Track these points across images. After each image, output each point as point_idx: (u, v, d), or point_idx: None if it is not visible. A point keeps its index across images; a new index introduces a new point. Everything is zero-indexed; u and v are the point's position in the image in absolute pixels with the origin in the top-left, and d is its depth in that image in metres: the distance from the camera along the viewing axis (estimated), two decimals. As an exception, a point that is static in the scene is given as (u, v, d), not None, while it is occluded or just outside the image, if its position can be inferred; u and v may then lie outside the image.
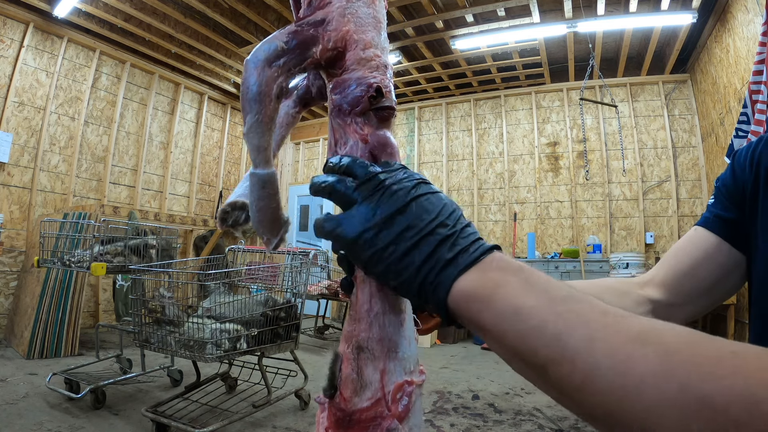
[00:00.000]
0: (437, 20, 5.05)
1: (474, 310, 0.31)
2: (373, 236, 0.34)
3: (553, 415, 2.81)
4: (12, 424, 2.25)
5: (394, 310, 0.42)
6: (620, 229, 5.83)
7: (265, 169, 0.47)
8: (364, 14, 0.49)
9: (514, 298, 0.30)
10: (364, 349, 0.41)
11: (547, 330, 0.28)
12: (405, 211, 0.34)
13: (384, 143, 0.46)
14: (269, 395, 2.48)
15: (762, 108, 2.72)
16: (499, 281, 0.31)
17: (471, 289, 0.31)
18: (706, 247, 0.66)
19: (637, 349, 0.25)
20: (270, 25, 5.33)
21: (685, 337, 0.26)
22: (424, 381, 0.43)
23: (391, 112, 0.47)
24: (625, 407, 0.25)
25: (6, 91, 4.50)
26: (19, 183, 4.63)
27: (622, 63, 5.79)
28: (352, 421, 0.40)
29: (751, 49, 3.64)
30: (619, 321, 0.27)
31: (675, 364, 0.24)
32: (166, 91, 6.24)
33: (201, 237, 6.06)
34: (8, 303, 4.38)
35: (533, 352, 0.28)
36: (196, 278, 2.98)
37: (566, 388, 0.28)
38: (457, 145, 6.92)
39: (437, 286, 0.32)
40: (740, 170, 0.65)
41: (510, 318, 0.29)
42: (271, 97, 0.45)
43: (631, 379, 0.25)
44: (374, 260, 0.34)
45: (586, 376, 0.26)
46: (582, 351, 0.27)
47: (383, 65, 0.48)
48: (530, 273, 0.31)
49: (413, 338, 0.43)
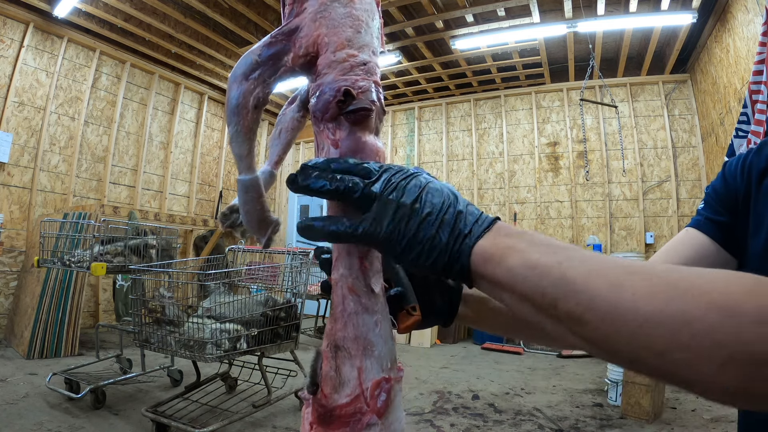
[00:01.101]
0: (437, 20, 5.05)
1: (490, 269, 0.36)
2: (404, 227, 0.38)
3: (553, 415, 2.81)
4: (12, 424, 2.25)
5: (367, 310, 0.43)
6: (620, 229, 5.83)
7: (248, 175, 0.49)
8: (338, 15, 0.47)
9: (522, 254, 0.35)
10: (340, 347, 0.43)
11: (552, 273, 0.33)
12: (421, 199, 0.38)
13: (356, 148, 0.45)
14: (269, 395, 2.48)
15: (762, 108, 2.71)
16: (508, 243, 0.36)
17: (487, 252, 0.37)
18: (697, 248, 0.67)
19: (627, 277, 0.31)
20: (270, 25, 5.32)
21: (665, 267, 0.33)
22: (402, 377, 0.45)
23: (365, 113, 0.45)
24: (620, 327, 0.30)
25: (6, 91, 4.50)
26: (19, 183, 4.63)
27: (622, 63, 5.79)
28: (333, 416, 0.41)
29: (751, 49, 3.64)
30: (610, 259, 0.34)
31: (659, 286, 0.30)
32: (166, 91, 6.24)
33: (201, 237, 6.07)
34: (8, 303, 4.38)
35: (542, 294, 0.34)
36: (196, 278, 2.98)
37: (572, 320, 0.33)
38: (457, 145, 6.92)
39: (460, 255, 0.37)
40: (731, 178, 0.67)
41: (521, 270, 0.35)
42: (249, 109, 0.48)
43: (623, 300, 0.30)
44: (409, 248, 0.38)
45: (587, 306, 0.32)
46: (582, 285, 0.32)
47: (360, 64, 0.46)
48: (532, 234, 0.37)
49: (389, 337, 0.44)
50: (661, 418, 2.74)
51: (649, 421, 2.65)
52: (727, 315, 0.28)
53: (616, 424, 2.65)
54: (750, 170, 0.64)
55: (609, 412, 2.89)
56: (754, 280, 0.30)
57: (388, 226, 0.38)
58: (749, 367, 0.27)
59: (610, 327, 0.31)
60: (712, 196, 0.70)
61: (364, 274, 0.44)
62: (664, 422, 2.68)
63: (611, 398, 3.06)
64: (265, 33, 5.60)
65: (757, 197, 0.62)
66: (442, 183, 0.40)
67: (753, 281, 0.30)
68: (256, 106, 0.48)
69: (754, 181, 0.63)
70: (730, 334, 0.27)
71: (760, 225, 0.60)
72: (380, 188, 0.39)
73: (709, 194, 0.71)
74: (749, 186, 0.63)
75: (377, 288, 0.44)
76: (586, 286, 0.32)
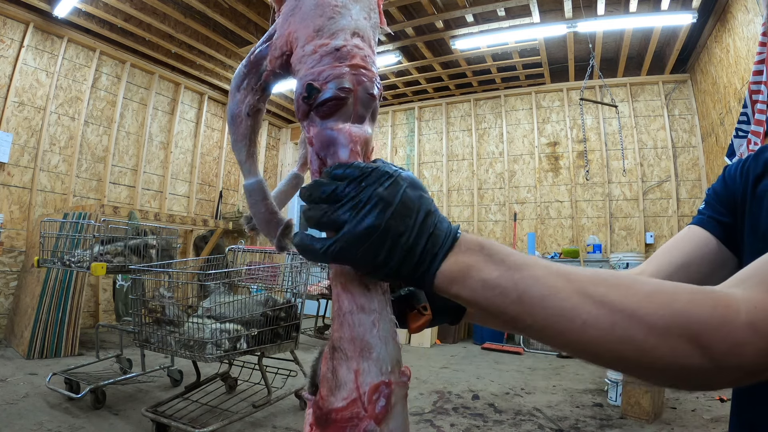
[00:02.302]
0: (437, 20, 5.05)
1: (454, 290, 0.39)
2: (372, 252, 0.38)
3: (553, 415, 2.81)
4: (12, 424, 2.25)
5: (363, 309, 0.41)
6: (620, 229, 5.83)
7: (248, 179, 0.51)
8: (308, 7, 0.45)
9: (480, 273, 0.38)
10: (337, 348, 0.41)
11: (509, 294, 0.37)
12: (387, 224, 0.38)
13: (325, 143, 0.43)
14: (269, 395, 2.48)
15: (762, 108, 2.71)
16: (468, 262, 0.39)
17: (448, 273, 0.39)
18: (700, 244, 0.69)
19: (578, 305, 0.36)
20: (270, 25, 5.32)
21: (614, 288, 0.37)
22: (407, 383, 0.43)
23: (332, 104, 0.43)
24: (575, 343, 0.37)
25: (6, 91, 4.50)
26: (19, 183, 4.63)
27: (622, 63, 5.78)
28: (330, 420, 0.40)
29: (751, 49, 3.63)
30: (563, 282, 0.37)
31: (603, 314, 0.36)
32: (166, 91, 6.23)
33: (201, 237, 6.06)
34: (8, 303, 4.38)
35: (503, 312, 0.38)
36: (196, 278, 2.98)
37: (534, 332, 0.39)
38: (457, 145, 6.92)
39: (425, 278, 0.40)
40: (731, 181, 0.70)
41: (480, 290, 0.38)
42: (242, 117, 0.50)
43: (574, 325, 0.36)
44: (375, 270, 0.40)
45: (545, 324, 0.37)
46: (538, 306, 0.37)
47: (330, 52, 0.43)
48: (490, 249, 0.39)
49: (391, 339, 0.42)
50: (661, 418, 2.74)
51: (649, 421, 2.65)
52: (663, 336, 0.35)
53: (616, 424, 2.65)
54: (747, 174, 0.67)
55: (609, 412, 2.89)
56: (687, 296, 0.36)
57: (355, 250, 0.38)
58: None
59: (565, 344, 0.38)
60: (713, 198, 0.73)
61: (357, 272, 0.42)
62: (664, 422, 2.68)
63: (611, 398, 3.06)
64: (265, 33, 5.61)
65: (753, 200, 0.64)
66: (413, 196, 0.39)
67: (686, 297, 0.36)
68: (249, 113, 0.50)
69: (750, 185, 0.66)
70: (668, 352, 0.35)
71: (753, 227, 0.63)
72: (348, 215, 0.38)
73: (710, 195, 0.74)
74: (746, 189, 0.66)
75: (373, 286, 0.43)
76: (541, 308, 0.37)
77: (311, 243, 0.40)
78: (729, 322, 0.34)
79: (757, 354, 0.34)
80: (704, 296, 0.36)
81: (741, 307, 0.35)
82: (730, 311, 0.35)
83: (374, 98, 0.46)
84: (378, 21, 0.49)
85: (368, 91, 0.45)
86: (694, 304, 0.35)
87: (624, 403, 2.81)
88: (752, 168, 0.67)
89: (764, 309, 0.35)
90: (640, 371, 0.37)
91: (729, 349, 0.34)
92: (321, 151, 0.44)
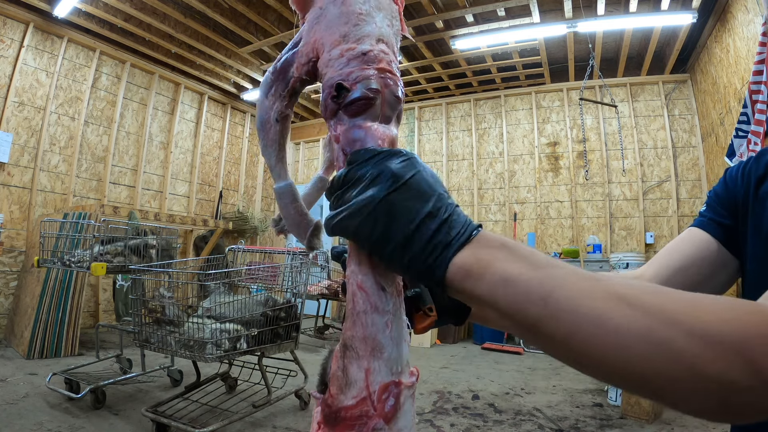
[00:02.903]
0: (437, 20, 5.05)
1: (469, 285, 0.35)
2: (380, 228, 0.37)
3: (553, 415, 2.81)
4: (12, 424, 2.25)
5: (377, 310, 0.42)
6: (620, 229, 5.83)
7: (278, 183, 0.53)
8: (332, 16, 0.47)
9: (503, 270, 0.34)
10: (349, 347, 0.42)
11: (533, 293, 0.33)
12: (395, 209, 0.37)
13: (351, 140, 0.45)
14: (269, 395, 2.48)
15: (762, 108, 2.71)
16: (488, 257, 0.35)
17: (464, 265, 0.35)
18: (700, 246, 0.69)
19: (610, 307, 0.32)
20: (270, 25, 5.33)
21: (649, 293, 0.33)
22: (415, 383, 0.43)
23: (362, 103, 0.44)
24: (603, 352, 0.32)
25: (6, 91, 4.50)
26: (19, 183, 4.63)
27: (622, 63, 5.78)
28: (339, 418, 0.40)
29: (751, 49, 3.64)
30: (592, 283, 0.33)
31: (638, 317, 0.31)
32: (166, 91, 6.24)
33: (201, 237, 6.07)
34: (8, 303, 4.38)
35: (524, 313, 0.34)
36: (196, 278, 2.98)
37: (555, 341, 0.33)
38: (457, 145, 6.92)
39: (436, 267, 0.36)
40: (732, 182, 0.70)
41: (501, 287, 0.34)
42: (271, 123, 0.51)
43: (605, 329, 0.31)
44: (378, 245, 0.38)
45: (570, 330, 0.32)
46: (565, 309, 0.32)
47: (357, 56, 0.45)
48: (513, 246, 0.36)
49: (402, 340, 0.43)
50: (661, 418, 2.74)
51: (649, 421, 2.65)
52: (706, 344, 0.30)
53: (616, 424, 2.65)
54: (749, 176, 0.67)
55: (609, 412, 2.89)
56: (729, 306, 0.32)
57: (354, 221, 0.37)
58: (725, 393, 0.30)
59: (591, 354, 0.32)
60: (714, 200, 0.73)
61: (373, 271, 0.42)
62: (664, 422, 2.68)
63: (611, 398, 3.06)
64: (265, 33, 5.62)
65: (755, 202, 0.64)
66: (429, 180, 0.38)
67: (727, 307, 0.32)
68: (278, 119, 0.51)
69: (752, 187, 0.66)
70: (710, 363, 0.29)
71: (756, 228, 0.62)
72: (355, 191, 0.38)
73: (711, 197, 0.74)
74: (748, 191, 0.66)
75: (389, 287, 0.43)
76: (570, 312, 0.32)
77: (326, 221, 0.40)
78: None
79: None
80: (750, 307, 0.32)
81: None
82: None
83: (399, 101, 0.47)
84: (399, 28, 0.51)
85: (395, 93, 0.46)
86: (741, 313, 0.32)
87: (624, 403, 2.81)
88: (754, 170, 0.67)
89: None
90: (677, 388, 0.31)
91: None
92: (347, 147, 0.45)
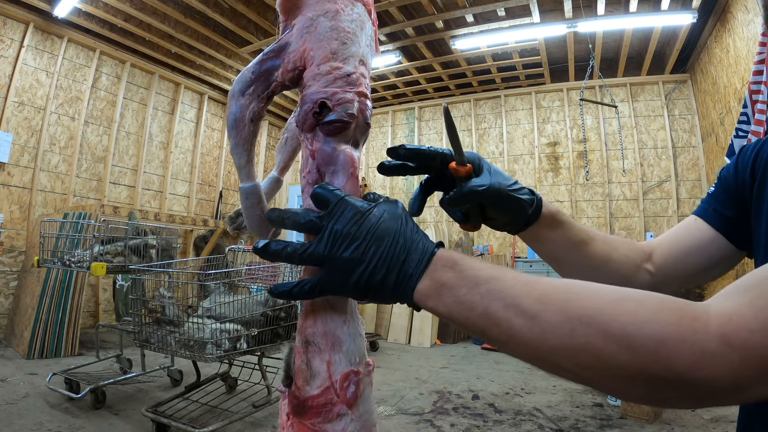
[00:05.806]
0: (437, 20, 5.05)
1: (431, 304, 0.42)
2: (354, 279, 0.42)
3: (553, 415, 2.81)
4: (12, 424, 2.25)
5: (335, 308, 0.46)
6: (620, 229, 5.83)
7: (247, 183, 0.54)
8: (324, 29, 0.49)
9: (452, 290, 0.41)
10: (311, 342, 0.46)
11: (477, 308, 0.39)
12: (366, 254, 0.42)
13: (327, 160, 0.48)
14: (269, 395, 2.48)
15: (762, 108, 2.71)
16: (441, 280, 0.41)
17: (426, 291, 0.42)
18: (701, 239, 0.69)
19: (540, 309, 0.37)
20: (270, 25, 5.33)
21: (575, 293, 0.37)
22: (372, 372, 0.49)
23: (339, 125, 0.47)
24: (537, 354, 0.37)
25: (6, 91, 4.49)
26: (19, 183, 4.63)
27: (622, 63, 5.78)
28: (306, 407, 0.44)
29: (751, 49, 3.64)
30: (528, 288, 0.39)
31: (562, 320, 0.36)
32: (166, 91, 6.23)
33: (201, 237, 6.07)
34: (8, 303, 4.38)
35: (473, 325, 0.40)
36: (196, 278, 2.98)
37: (500, 343, 0.39)
38: (457, 145, 6.91)
39: (404, 296, 0.43)
40: (743, 166, 0.67)
41: (453, 306, 0.40)
42: (245, 122, 0.52)
43: (535, 330, 0.37)
44: (359, 293, 0.43)
45: (510, 334, 0.38)
46: (502, 317, 0.38)
47: (343, 76, 0.48)
48: (462, 266, 0.42)
49: (358, 335, 0.48)
50: (661, 418, 2.74)
51: (649, 421, 2.65)
52: (619, 345, 0.33)
53: (616, 424, 2.65)
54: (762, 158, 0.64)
55: (609, 412, 2.89)
56: (654, 306, 0.35)
57: (337, 283, 0.42)
58: (652, 383, 0.34)
59: (528, 353, 0.38)
60: (722, 183, 0.70)
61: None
62: (664, 422, 2.68)
63: (611, 398, 3.06)
64: (265, 33, 5.62)
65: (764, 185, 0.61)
66: (389, 220, 0.43)
67: (652, 308, 0.35)
68: (252, 119, 0.52)
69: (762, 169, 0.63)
70: (631, 363, 0.33)
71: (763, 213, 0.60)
72: (324, 248, 0.42)
73: (721, 179, 0.71)
74: (763, 173, 0.63)
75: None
76: (505, 320, 0.38)
77: (285, 287, 0.44)
78: (695, 332, 0.32)
79: (730, 368, 0.31)
80: (673, 305, 0.35)
81: (712, 318, 0.33)
82: (697, 323, 0.33)
83: (369, 127, 0.52)
84: (374, 48, 0.55)
85: (366, 120, 0.51)
86: (660, 314, 0.34)
87: (624, 403, 2.81)
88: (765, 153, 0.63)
89: (740, 321, 0.32)
90: (603, 383, 0.36)
91: (694, 362, 0.32)
92: (322, 167, 0.48)
